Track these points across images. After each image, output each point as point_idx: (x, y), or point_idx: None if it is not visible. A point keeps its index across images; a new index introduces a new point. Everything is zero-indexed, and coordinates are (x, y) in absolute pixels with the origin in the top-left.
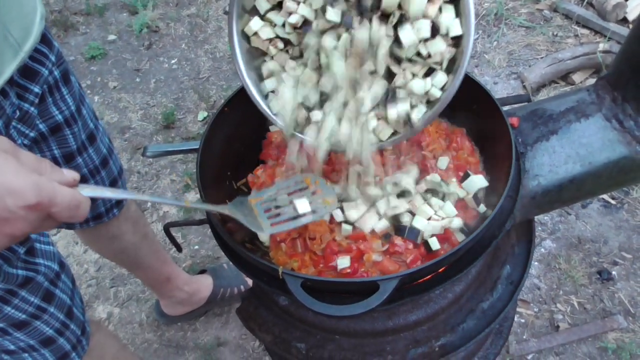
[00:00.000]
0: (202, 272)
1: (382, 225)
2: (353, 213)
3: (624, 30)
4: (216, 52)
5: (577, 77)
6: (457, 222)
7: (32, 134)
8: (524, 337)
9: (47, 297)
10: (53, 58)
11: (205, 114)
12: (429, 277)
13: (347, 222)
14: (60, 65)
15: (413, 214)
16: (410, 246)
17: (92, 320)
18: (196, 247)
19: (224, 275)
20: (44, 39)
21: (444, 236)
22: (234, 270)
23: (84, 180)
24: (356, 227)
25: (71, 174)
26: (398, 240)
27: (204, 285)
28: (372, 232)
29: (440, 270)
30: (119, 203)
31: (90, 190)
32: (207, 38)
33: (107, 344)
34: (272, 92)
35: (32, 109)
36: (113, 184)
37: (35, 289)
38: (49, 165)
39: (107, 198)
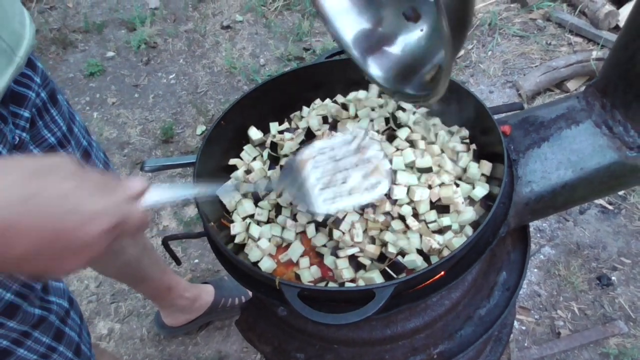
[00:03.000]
0: (204, 284)
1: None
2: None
3: None
4: (214, 67)
5: (571, 85)
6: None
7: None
8: (525, 344)
9: (57, 336)
10: (38, 80)
11: (204, 127)
12: (424, 284)
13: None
14: (47, 86)
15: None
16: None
17: (95, 345)
18: (196, 260)
19: (225, 286)
20: (27, 61)
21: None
22: (234, 281)
23: None
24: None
25: (140, 184)
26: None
27: (205, 291)
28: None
29: (436, 277)
30: None
31: (156, 195)
32: (205, 53)
33: None
34: None
35: (24, 134)
36: None
37: (48, 328)
38: (115, 178)
39: (175, 197)
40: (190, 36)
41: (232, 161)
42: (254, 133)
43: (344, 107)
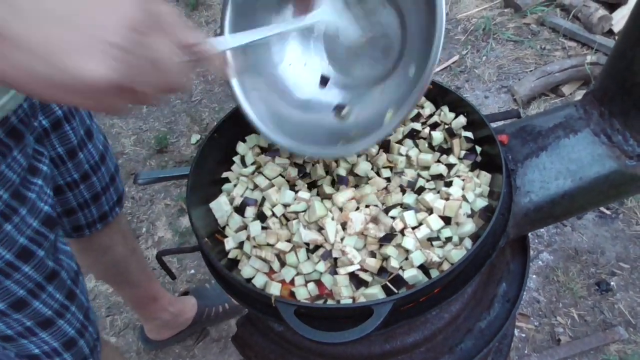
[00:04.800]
0: (185, 294)
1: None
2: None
3: (610, 42)
4: (208, 75)
5: (566, 89)
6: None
7: (35, 123)
8: (525, 352)
9: (70, 295)
10: None
11: (198, 136)
12: (423, 299)
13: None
14: None
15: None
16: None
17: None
18: (192, 271)
19: (207, 294)
20: None
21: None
22: (216, 289)
23: (86, 177)
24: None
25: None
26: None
27: (189, 305)
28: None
29: (435, 291)
30: (120, 201)
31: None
32: None
33: (115, 359)
34: None
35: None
36: (112, 180)
37: (61, 285)
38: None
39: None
40: None
41: (225, 174)
42: (242, 149)
43: None
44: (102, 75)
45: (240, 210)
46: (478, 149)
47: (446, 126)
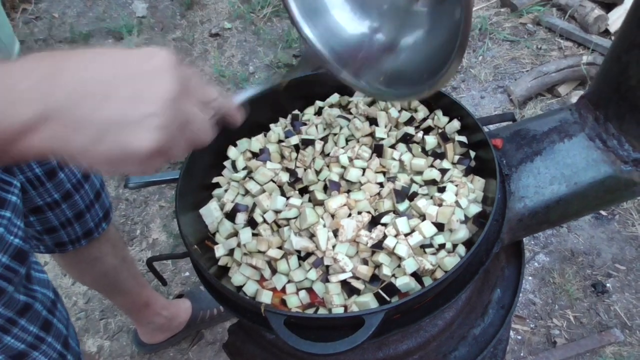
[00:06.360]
0: (179, 296)
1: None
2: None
3: (606, 42)
4: (202, 75)
5: (562, 90)
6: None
7: None
8: (522, 354)
9: (45, 326)
10: None
11: None
12: (416, 307)
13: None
14: None
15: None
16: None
17: (85, 353)
18: (186, 274)
19: (202, 297)
20: None
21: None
22: None
23: (68, 196)
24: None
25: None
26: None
27: (183, 309)
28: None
29: (428, 299)
30: (107, 217)
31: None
32: (193, 61)
33: None
34: None
35: None
36: (97, 197)
37: (35, 317)
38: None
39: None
40: (178, 44)
41: (215, 179)
42: (233, 153)
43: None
44: (149, 145)
45: (231, 216)
46: (472, 153)
47: (440, 130)
